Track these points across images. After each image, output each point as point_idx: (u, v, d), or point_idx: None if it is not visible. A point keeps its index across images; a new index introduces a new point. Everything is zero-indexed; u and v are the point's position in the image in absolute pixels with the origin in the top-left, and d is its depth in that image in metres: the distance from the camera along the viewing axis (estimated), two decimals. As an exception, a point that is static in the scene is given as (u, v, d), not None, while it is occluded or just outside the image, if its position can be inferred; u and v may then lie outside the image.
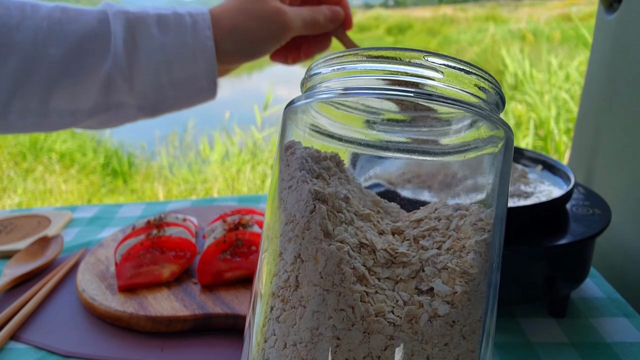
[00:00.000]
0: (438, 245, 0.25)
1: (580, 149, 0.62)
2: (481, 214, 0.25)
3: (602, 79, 0.56)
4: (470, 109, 0.24)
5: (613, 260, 0.53)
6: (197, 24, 0.44)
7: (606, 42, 0.55)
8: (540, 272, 0.39)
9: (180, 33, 0.44)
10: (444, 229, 0.25)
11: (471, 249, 0.24)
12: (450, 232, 0.25)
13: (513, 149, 0.27)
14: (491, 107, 0.26)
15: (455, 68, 0.24)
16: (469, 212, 0.25)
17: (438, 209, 0.27)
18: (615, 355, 0.38)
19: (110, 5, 0.44)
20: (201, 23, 0.44)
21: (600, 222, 0.41)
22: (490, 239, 0.24)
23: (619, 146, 0.53)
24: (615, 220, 0.48)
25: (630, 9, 0.51)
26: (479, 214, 0.25)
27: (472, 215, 0.25)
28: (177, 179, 2.51)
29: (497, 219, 0.25)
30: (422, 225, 0.26)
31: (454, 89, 0.24)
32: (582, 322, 0.42)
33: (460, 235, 0.25)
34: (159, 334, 0.41)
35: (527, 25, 5.76)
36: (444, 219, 0.26)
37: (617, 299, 0.45)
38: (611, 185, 0.54)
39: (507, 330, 0.41)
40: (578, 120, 0.63)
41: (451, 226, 0.25)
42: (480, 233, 0.24)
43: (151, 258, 0.45)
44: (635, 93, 0.50)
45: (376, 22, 9.33)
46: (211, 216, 0.60)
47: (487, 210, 0.25)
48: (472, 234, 0.24)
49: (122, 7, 0.44)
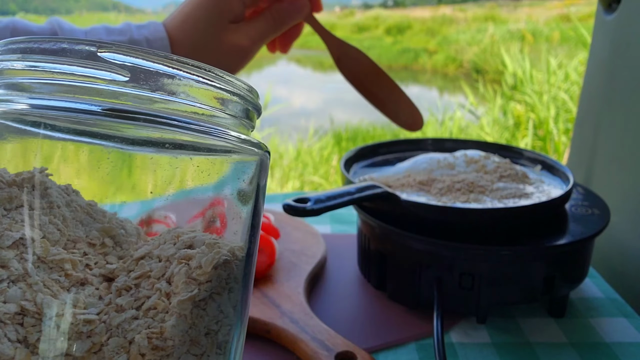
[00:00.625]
0: (139, 304, 0.18)
1: (579, 149, 0.62)
2: (203, 258, 0.19)
3: (601, 79, 0.56)
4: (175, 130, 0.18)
5: (612, 260, 0.53)
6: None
7: (605, 42, 0.56)
8: (539, 272, 0.39)
9: None
10: (156, 276, 0.19)
11: (173, 311, 0.18)
12: (161, 282, 0.19)
13: (267, 173, 0.23)
14: (236, 120, 0.21)
15: (145, 71, 0.18)
16: (194, 252, 0.20)
17: (162, 245, 0.21)
18: (615, 355, 0.38)
19: (58, 23, 0.41)
20: (161, 50, 0.43)
21: (599, 222, 0.41)
22: (201, 295, 0.19)
23: (618, 146, 0.53)
24: (614, 221, 0.48)
25: (629, 9, 0.51)
26: (202, 257, 0.19)
27: (194, 259, 0.19)
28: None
29: (241, 266, 0.20)
30: (138, 268, 0.20)
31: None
32: (581, 322, 0.42)
33: (172, 288, 0.19)
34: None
35: (526, 26, 5.77)
36: (163, 261, 0.20)
37: (616, 299, 0.45)
38: (610, 185, 0.54)
39: (506, 330, 0.41)
40: (577, 120, 0.63)
41: (167, 273, 0.19)
42: (189, 288, 0.19)
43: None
44: (635, 93, 0.50)
45: (375, 22, 9.33)
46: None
47: (210, 254, 0.19)
48: (182, 288, 0.19)
49: (70, 26, 0.41)
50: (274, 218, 0.57)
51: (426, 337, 0.40)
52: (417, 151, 0.56)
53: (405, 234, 0.39)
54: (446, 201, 0.41)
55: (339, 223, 0.63)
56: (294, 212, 0.35)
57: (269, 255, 0.47)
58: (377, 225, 0.42)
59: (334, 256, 0.53)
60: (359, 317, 0.43)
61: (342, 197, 0.38)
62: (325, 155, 2.77)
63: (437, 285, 0.39)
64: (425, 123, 2.95)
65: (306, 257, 0.50)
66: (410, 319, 0.42)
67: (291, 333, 0.38)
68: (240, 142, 0.21)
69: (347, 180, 0.44)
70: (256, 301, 0.43)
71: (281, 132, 3.00)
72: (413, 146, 0.57)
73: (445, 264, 0.39)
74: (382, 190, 0.40)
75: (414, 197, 0.42)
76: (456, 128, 2.81)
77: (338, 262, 0.52)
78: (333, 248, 0.54)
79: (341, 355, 0.35)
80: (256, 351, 0.39)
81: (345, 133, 3.28)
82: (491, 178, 0.45)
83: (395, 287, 0.43)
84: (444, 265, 0.39)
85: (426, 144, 0.57)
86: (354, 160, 0.53)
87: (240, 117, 0.21)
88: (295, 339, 0.37)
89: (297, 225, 0.58)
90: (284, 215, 0.60)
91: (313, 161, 2.67)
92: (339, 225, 0.62)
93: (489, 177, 0.46)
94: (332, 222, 0.63)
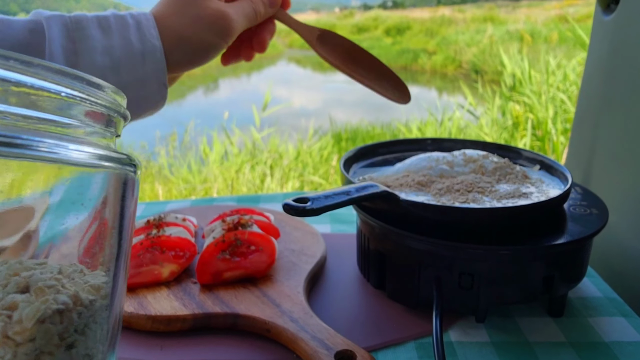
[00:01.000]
0: None
1: (577, 149, 0.62)
2: (25, 309, 0.15)
3: (599, 79, 0.57)
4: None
5: (610, 259, 0.53)
6: (141, 24, 0.42)
7: (604, 42, 0.56)
8: (538, 271, 0.39)
9: (124, 34, 0.41)
10: None
11: None
12: None
13: (133, 189, 0.20)
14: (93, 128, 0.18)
15: None
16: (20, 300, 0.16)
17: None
18: (613, 354, 0.38)
19: (41, 13, 0.41)
20: (145, 22, 0.42)
21: (597, 221, 0.41)
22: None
23: (617, 146, 0.53)
24: (612, 220, 0.48)
25: (627, 9, 0.52)
26: (25, 308, 0.16)
27: (18, 309, 0.16)
28: (177, 179, 2.52)
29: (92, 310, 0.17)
30: None
31: None
32: (579, 321, 0.42)
33: None
34: (158, 333, 0.41)
35: (524, 26, 5.77)
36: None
37: (614, 299, 0.45)
38: (609, 185, 0.54)
39: (505, 329, 0.41)
40: (576, 120, 0.63)
41: None
42: (3, 351, 0.15)
43: (151, 258, 0.45)
44: (633, 93, 0.50)
45: (375, 23, 9.33)
46: (210, 216, 0.60)
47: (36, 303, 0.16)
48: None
49: (56, 12, 0.41)
50: (274, 218, 0.57)
51: (425, 336, 0.40)
52: (416, 151, 0.56)
53: (404, 233, 0.40)
54: (445, 201, 0.42)
55: (339, 223, 0.63)
56: (293, 211, 0.35)
57: (269, 255, 0.47)
58: (376, 225, 0.42)
59: (333, 256, 0.53)
60: (359, 316, 0.43)
61: (341, 197, 0.38)
62: (325, 155, 2.77)
63: (437, 285, 0.39)
64: (425, 123, 2.96)
65: (306, 256, 0.50)
66: (409, 318, 0.42)
67: (291, 332, 0.38)
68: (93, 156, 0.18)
69: (346, 180, 0.44)
70: (256, 300, 0.43)
71: (281, 132, 3.00)
72: (412, 146, 0.57)
73: (445, 264, 0.39)
74: (381, 190, 0.40)
75: (412, 197, 0.42)
76: (455, 128, 2.81)
77: (338, 262, 0.52)
78: (333, 248, 0.55)
79: (341, 354, 0.35)
80: (256, 350, 0.39)
81: (345, 133, 3.29)
82: (490, 180, 0.46)
83: (394, 286, 0.43)
84: (443, 265, 0.39)
85: (425, 144, 0.57)
86: (354, 160, 0.53)
87: (97, 125, 0.19)
88: (295, 337, 0.38)
89: (297, 224, 0.58)
90: (284, 215, 0.60)
91: (313, 161, 2.67)
92: (338, 225, 0.62)
93: (488, 179, 0.46)
94: (331, 221, 0.63)
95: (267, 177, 2.44)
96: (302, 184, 2.47)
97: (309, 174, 2.53)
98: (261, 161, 2.57)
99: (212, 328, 0.42)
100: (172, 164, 2.74)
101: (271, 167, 2.55)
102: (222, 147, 2.78)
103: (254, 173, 2.47)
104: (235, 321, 0.41)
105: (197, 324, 0.41)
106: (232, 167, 2.53)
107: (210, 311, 0.41)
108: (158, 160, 2.85)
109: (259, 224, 0.51)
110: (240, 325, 0.41)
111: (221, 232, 0.48)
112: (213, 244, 0.46)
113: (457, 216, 0.39)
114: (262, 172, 2.48)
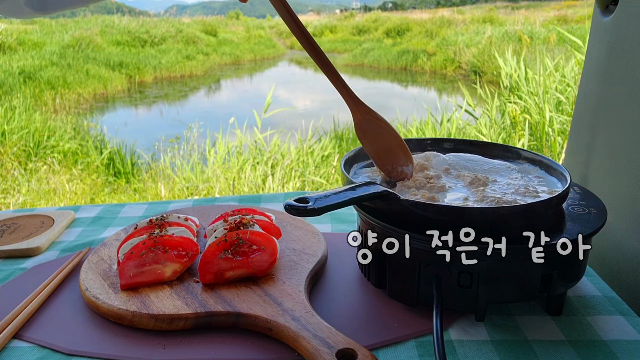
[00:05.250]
0: None
1: (576, 149, 0.62)
2: None
3: (597, 80, 0.57)
4: None
5: (609, 259, 0.54)
6: None
7: (602, 43, 0.56)
8: (537, 270, 0.40)
9: None
10: None
11: None
12: None
13: None
14: None
15: None
16: None
17: None
18: (612, 352, 0.38)
19: None
20: None
21: (596, 221, 0.42)
22: None
23: (615, 146, 0.54)
24: (610, 220, 0.49)
25: (625, 10, 0.52)
26: None
27: None
28: (180, 179, 2.53)
29: None
30: None
31: None
32: (578, 320, 0.42)
33: None
34: (161, 332, 0.41)
35: (523, 28, 5.77)
36: None
37: (612, 297, 0.46)
38: (607, 185, 0.54)
39: (505, 328, 0.42)
40: (574, 120, 0.63)
41: None
42: None
43: (153, 257, 0.46)
44: (630, 94, 0.51)
45: (375, 24, 9.32)
46: (212, 216, 0.61)
47: None
48: None
49: None
50: (275, 217, 0.57)
51: (425, 335, 0.41)
52: (416, 151, 0.57)
53: (404, 233, 0.40)
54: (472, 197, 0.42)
55: (339, 222, 0.63)
56: (295, 211, 0.36)
57: (271, 254, 0.47)
58: (376, 224, 0.42)
59: (334, 255, 0.54)
60: (360, 315, 0.43)
61: (342, 197, 0.38)
62: (325, 156, 2.78)
63: (436, 284, 0.40)
64: (425, 123, 2.96)
65: (307, 255, 0.51)
66: (409, 316, 0.43)
67: (292, 330, 0.38)
68: None
69: (347, 180, 0.45)
70: (258, 299, 0.43)
71: (282, 133, 3.01)
72: (412, 146, 0.57)
73: (444, 263, 0.40)
74: (381, 190, 0.40)
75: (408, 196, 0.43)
76: (454, 128, 2.82)
77: (338, 261, 0.53)
78: (333, 247, 0.55)
79: (342, 353, 0.36)
80: (258, 348, 0.39)
81: (346, 134, 3.29)
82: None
83: (394, 285, 0.44)
84: (442, 264, 0.40)
85: (425, 144, 0.58)
86: (354, 160, 0.53)
87: None
88: (297, 336, 0.38)
89: (298, 224, 0.58)
90: (285, 215, 0.60)
91: (314, 161, 2.67)
92: (339, 225, 0.63)
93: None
94: (332, 221, 0.64)
95: (269, 177, 2.44)
96: (303, 184, 2.48)
97: (310, 174, 2.53)
98: (263, 161, 2.58)
99: (214, 327, 0.42)
100: (175, 164, 2.76)
101: (272, 166, 2.56)
102: (224, 147, 2.79)
103: (255, 173, 2.48)
104: (237, 320, 0.41)
105: (200, 323, 0.42)
106: (233, 167, 2.54)
107: (213, 310, 0.42)
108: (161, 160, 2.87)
109: (261, 223, 0.51)
110: (242, 323, 0.41)
111: (223, 231, 0.48)
112: (215, 244, 0.46)
113: (457, 215, 0.39)
114: (263, 172, 2.49)
